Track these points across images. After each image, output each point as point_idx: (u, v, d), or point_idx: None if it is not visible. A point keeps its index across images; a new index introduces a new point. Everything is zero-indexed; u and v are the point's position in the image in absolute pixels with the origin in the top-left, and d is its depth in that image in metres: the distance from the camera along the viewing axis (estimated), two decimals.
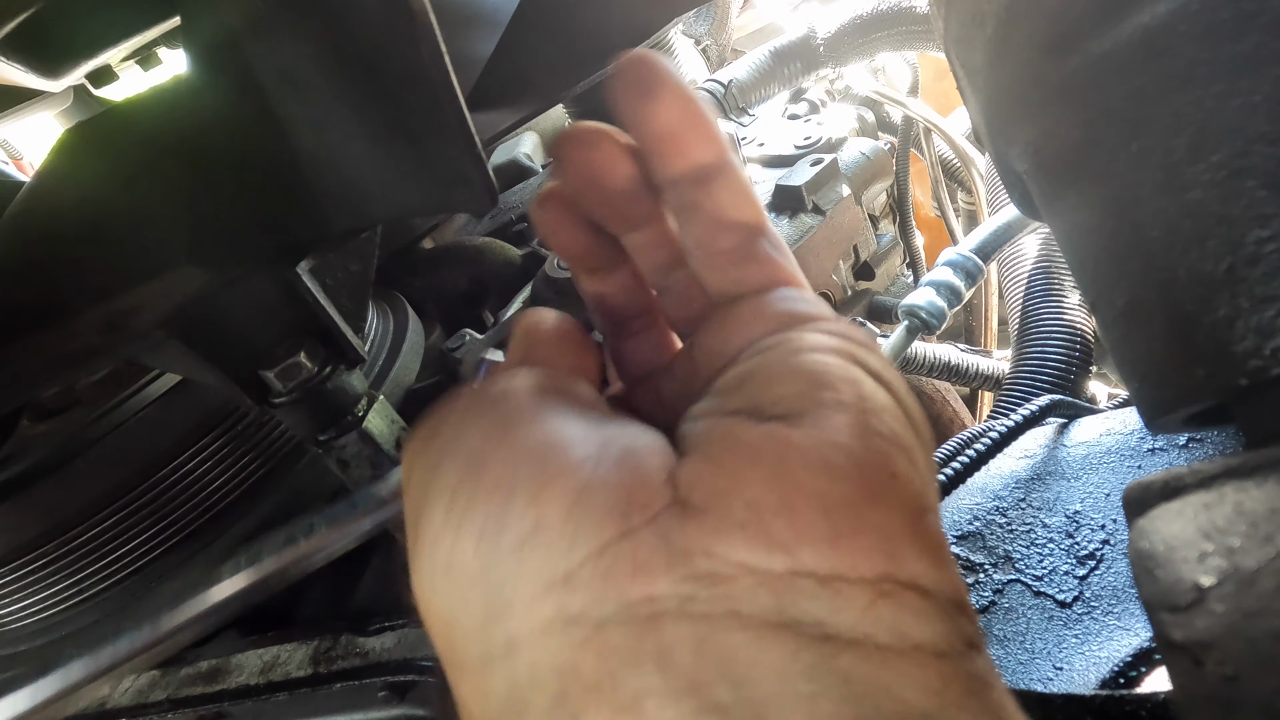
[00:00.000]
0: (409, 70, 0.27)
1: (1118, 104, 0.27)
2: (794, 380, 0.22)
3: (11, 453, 0.57)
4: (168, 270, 0.39)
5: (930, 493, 0.21)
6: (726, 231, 0.27)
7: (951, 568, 0.20)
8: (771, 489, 0.20)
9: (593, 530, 0.20)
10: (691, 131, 0.26)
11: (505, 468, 0.21)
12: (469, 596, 0.21)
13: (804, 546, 0.19)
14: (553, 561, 0.20)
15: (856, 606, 0.18)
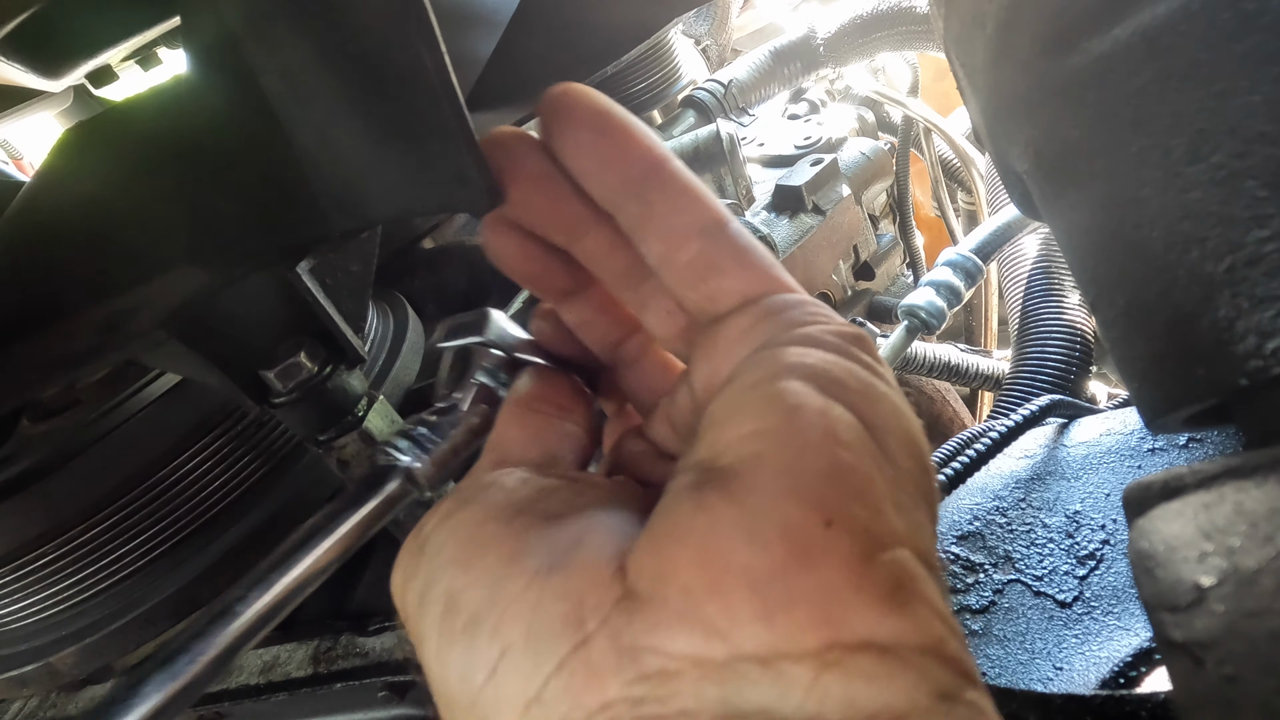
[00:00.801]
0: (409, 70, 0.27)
1: (1118, 104, 0.27)
2: (746, 419, 0.21)
3: (11, 453, 0.57)
4: (168, 270, 0.39)
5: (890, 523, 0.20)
6: (681, 240, 0.25)
7: (918, 606, 0.19)
8: (702, 571, 0.19)
9: (550, 647, 0.20)
10: (614, 148, 0.25)
11: (471, 604, 0.22)
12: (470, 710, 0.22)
13: (738, 630, 0.18)
14: (521, 686, 0.20)
15: (801, 686, 0.18)
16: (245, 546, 0.57)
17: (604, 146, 0.25)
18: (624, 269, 0.28)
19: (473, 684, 0.21)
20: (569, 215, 0.27)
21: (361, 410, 0.46)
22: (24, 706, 0.64)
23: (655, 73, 0.99)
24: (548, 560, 0.22)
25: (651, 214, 0.25)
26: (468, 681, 0.21)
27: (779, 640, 0.18)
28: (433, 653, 0.23)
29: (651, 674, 0.19)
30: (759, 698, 0.18)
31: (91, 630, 0.55)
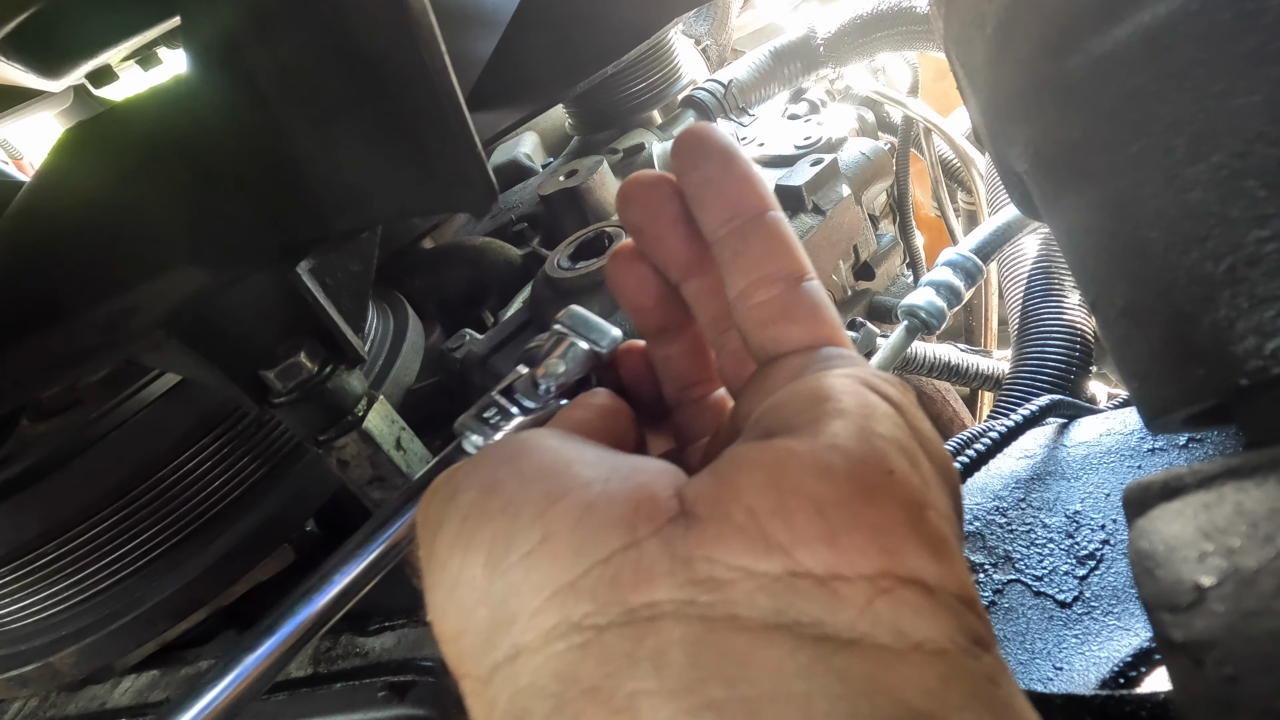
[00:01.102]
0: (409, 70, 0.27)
1: (1118, 104, 0.27)
2: (801, 399, 0.23)
3: (11, 453, 0.57)
4: (168, 270, 0.39)
5: (934, 494, 0.21)
6: (765, 284, 0.28)
7: (958, 564, 0.20)
8: (768, 494, 0.20)
9: (599, 541, 0.20)
10: (734, 186, 0.28)
11: (514, 490, 0.22)
12: (477, 611, 0.22)
13: (800, 547, 0.19)
14: (558, 571, 0.20)
15: (854, 605, 0.19)
16: (245, 546, 0.57)
17: (726, 184, 0.28)
18: (718, 313, 0.31)
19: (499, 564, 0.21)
20: (691, 254, 0.30)
21: (361, 410, 0.46)
22: (24, 706, 0.64)
23: (655, 73, 0.98)
24: (605, 474, 0.22)
25: (746, 253, 0.28)
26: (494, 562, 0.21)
27: (839, 561, 0.19)
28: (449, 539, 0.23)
29: (703, 580, 0.19)
30: (813, 611, 0.19)
31: (91, 630, 0.55)
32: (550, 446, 0.24)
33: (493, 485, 0.23)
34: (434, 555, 0.24)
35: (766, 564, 0.19)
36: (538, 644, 0.20)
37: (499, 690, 0.21)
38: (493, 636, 0.21)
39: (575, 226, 0.76)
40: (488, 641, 0.21)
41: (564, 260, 0.67)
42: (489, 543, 0.22)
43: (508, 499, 0.22)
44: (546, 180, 0.86)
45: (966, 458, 0.52)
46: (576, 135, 1.07)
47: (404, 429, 0.49)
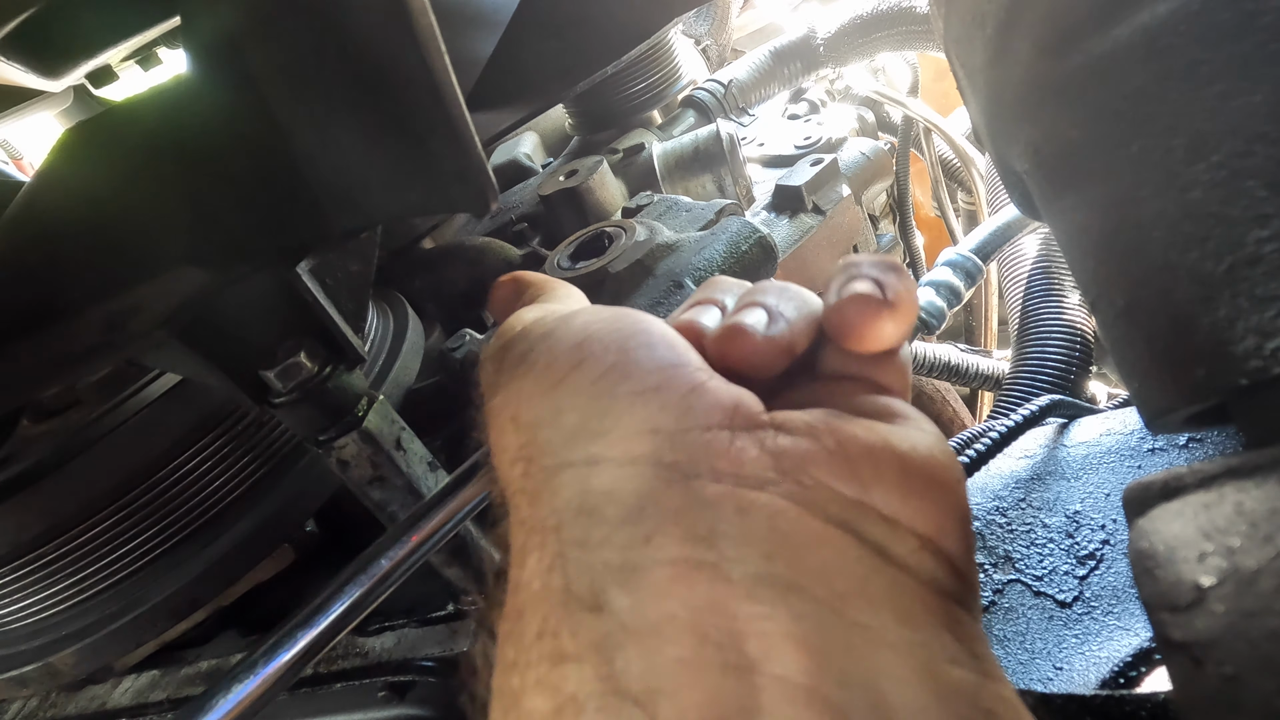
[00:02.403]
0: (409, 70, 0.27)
1: (1118, 104, 0.27)
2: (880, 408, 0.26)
3: (11, 453, 0.57)
4: (168, 270, 0.39)
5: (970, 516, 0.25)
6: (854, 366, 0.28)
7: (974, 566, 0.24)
8: (862, 439, 0.23)
9: (705, 412, 0.23)
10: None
11: (640, 336, 0.24)
12: (568, 414, 0.23)
13: (878, 487, 0.22)
14: (662, 418, 0.22)
15: (908, 546, 0.22)
16: (245, 546, 0.57)
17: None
18: None
19: (610, 388, 0.23)
20: None
21: (361, 410, 0.46)
22: (24, 706, 0.64)
23: (655, 73, 0.98)
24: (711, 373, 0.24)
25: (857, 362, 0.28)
26: (604, 384, 0.23)
27: (905, 512, 0.22)
28: (570, 346, 0.25)
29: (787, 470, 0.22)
30: (876, 534, 0.22)
31: (91, 630, 0.55)
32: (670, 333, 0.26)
33: (618, 320, 0.25)
34: (543, 353, 0.25)
35: (845, 487, 0.22)
36: (622, 462, 0.22)
37: (566, 483, 0.22)
38: (576, 439, 0.23)
39: (575, 226, 0.76)
40: (569, 441, 0.23)
41: (564, 260, 0.67)
42: (606, 366, 0.24)
43: (630, 339, 0.24)
44: (546, 180, 0.86)
45: (966, 458, 0.52)
46: (576, 135, 1.07)
47: (404, 429, 0.49)
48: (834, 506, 0.22)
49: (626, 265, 0.63)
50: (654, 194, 0.78)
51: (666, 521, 0.20)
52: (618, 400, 0.23)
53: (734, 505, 0.21)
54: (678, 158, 0.86)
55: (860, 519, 0.22)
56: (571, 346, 0.25)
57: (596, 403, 0.23)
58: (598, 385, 0.23)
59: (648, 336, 0.25)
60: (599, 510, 0.21)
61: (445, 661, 0.50)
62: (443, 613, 0.53)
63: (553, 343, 0.25)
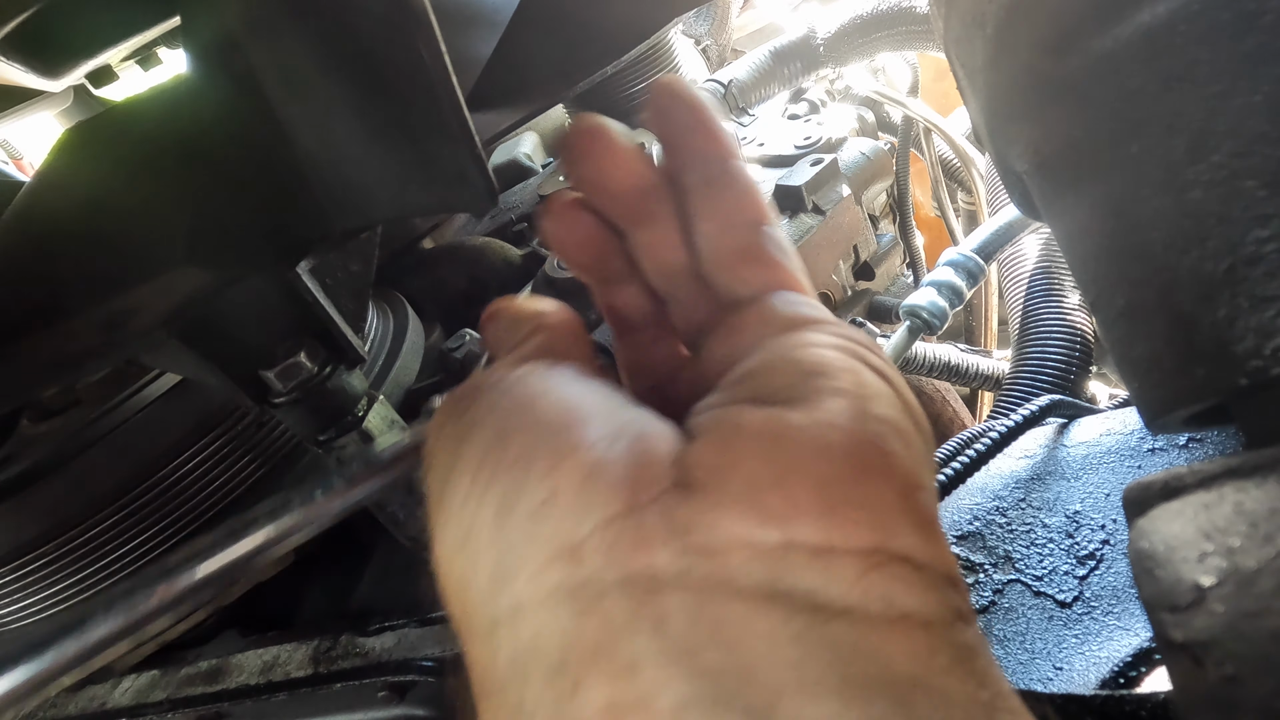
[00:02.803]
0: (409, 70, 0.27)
1: (1118, 104, 0.27)
2: (795, 371, 0.23)
3: (11, 453, 0.57)
4: (168, 270, 0.39)
5: (924, 475, 0.22)
6: (732, 228, 0.29)
7: (942, 544, 0.21)
8: (768, 465, 0.21)
9: (602, 504, 0.21)
10: (701, 134, 0.29)
11: (527, 441, 0.22)
12: (482, 562, 0.22)
13: (798, 520, 0.20)
14: (563, 531, 0.21)
15: (847, 577, 0.19)
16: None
17: (698, 130, 0.29)
18: (669, 263, 0.30)
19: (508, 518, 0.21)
20: (643, 207, 0.30)
21: (361, 410, 0.46)
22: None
23: (655, 73, 0.98)
24: (612, 432, 0.23)
25: (715, 196, 0.29)
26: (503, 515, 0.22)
27: (834, 535, 0.20)
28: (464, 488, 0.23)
29: (701, 547, 0.20)
30: (806, 582, 0.19)
31: None
32: (560, 396, 0.24)
33: (505, 434, 0.23)
34: (445, 502, 0.24)
35: (763, 534, 0.20)
36: (539, 602, 0.20)
37: (500, 646, 0.21)
38: (495, 590, 0.21)
39: None
40: (490, 595, 0.21)
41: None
42: (501, 495, 0.22)
43: (519, 451, 0.22)
44: (546, 180, 0.86)
45: (966, 458, 0.52)
46: None
47: (404, 429, 0.49)
48: (756, 568, 0.19)
49: None
50: None
51: (588, 664, 0.19)
52: (519, 530, 0.21)
53: (650, 620, 0.19)
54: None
55: (786, 571, 0.19)
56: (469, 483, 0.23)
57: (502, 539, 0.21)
58: (499, 519, 0.22)
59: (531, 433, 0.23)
60: (528, 668, 0.20)
61: (445, 661, 0.50)
62: (443, 613, 0.53)
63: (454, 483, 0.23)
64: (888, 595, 0.19)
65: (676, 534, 0.20)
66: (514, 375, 0.25)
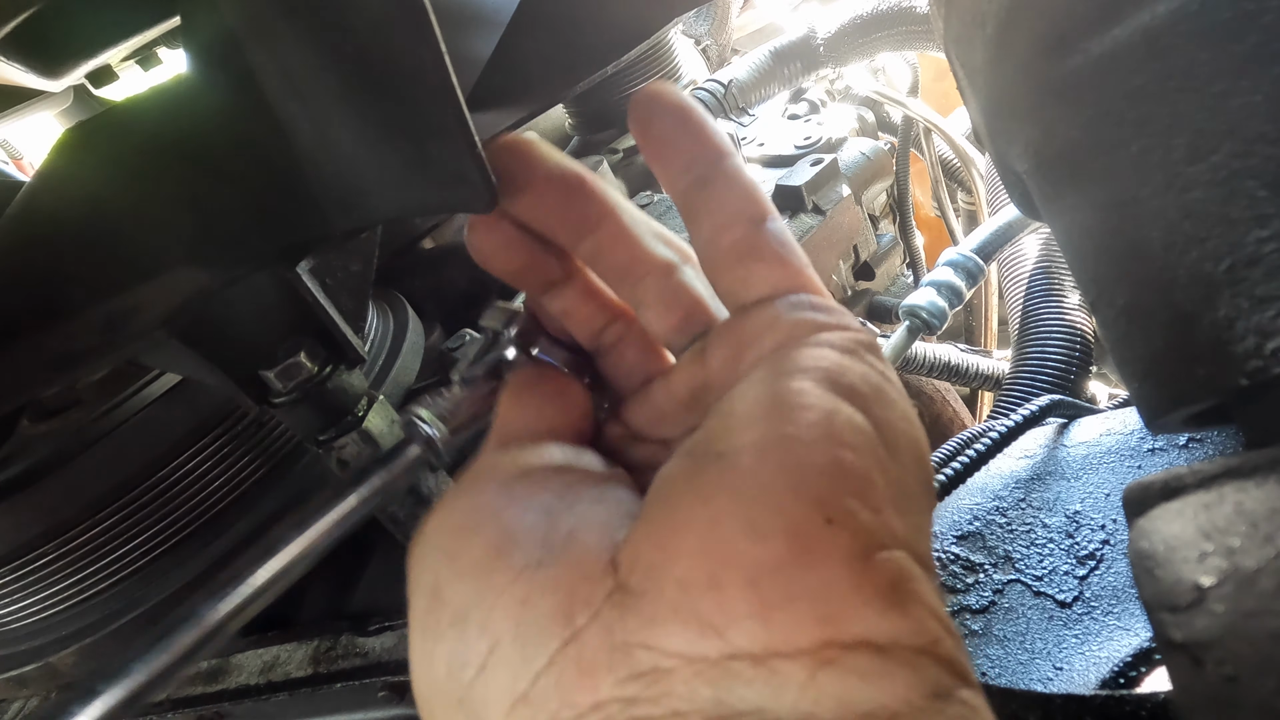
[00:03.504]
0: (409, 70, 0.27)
1: (1118, 104, 0.27)
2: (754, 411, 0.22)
3: (11, 453, 0.57)
4: (168, 270, 0.39)
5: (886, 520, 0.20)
6: (730, 226, 0.27)
7: (915, 605, 0.19)
8: (699, 563, 0.19)
9: (539, 643, 0.20)
10: (688, 138, 0.28)
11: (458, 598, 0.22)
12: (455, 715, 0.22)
13: (734, 626, 0.18)
14: (511, 682, 0.20)
15: (795, 684, 0.18)
16: (245, 546, 0.57)
17: (682, 137, 0.28)
18: (624, 264, 0.29)
19: (461, 680, 0.21)
20: (579, 213, 0.29)
21: (361, 410, 0.46)
22: (24, 706, 0.64)
23: (655, 73, 0.99)
24: (537, 554, 0.22)
25: (710, 197, 0.27)
26: (456, 678, 0.21)
27: (774, 638, 0.18)
28: (418, 646, 0.23)
29: (644, 672, 0.19)
30: (753, 697, 0.18)
31: (91, 630, 0.55)
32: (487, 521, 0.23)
33: (437, 591, 0.23)
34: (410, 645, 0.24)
35: (702, 647, 0.18)
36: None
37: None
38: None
39: None
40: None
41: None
42: (447, 659, 0.22)
43: (455, 609, 0.22)
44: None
45: (966, 458, 0.52)
46: (576, 135, 1.07)
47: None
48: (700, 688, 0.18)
49: None
50: (654, 194, 0.78)
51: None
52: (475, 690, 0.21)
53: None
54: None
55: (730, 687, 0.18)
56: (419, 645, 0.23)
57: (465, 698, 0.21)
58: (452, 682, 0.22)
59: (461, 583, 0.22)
60: None
61: None
62: None
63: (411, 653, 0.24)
64: (843, 695, 0.17)
65: (618, 659, 0.19)
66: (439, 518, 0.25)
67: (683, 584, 0.19)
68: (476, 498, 0.25)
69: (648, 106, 0.28)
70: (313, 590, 0.64)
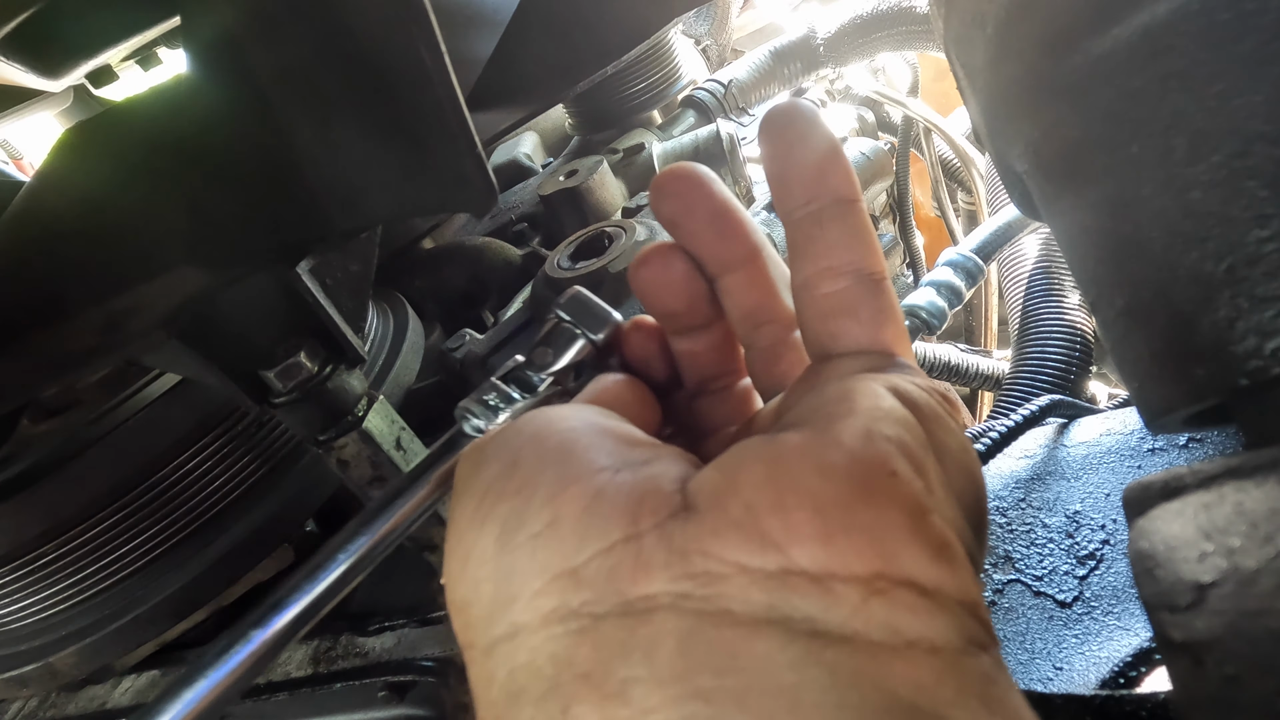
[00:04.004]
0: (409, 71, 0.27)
1: (1118, 104, 0.27)
2: (817, 396, 0.24)
3: (11, 453, 0.57)
4: (168, 270, 0.39)
5: (939, 501, 0.21)
6: (834, 275, 0.27)
7: (961, 569, 0.20)
8: (767, 489, 0.20)
9: (602, 530, 0.21)
10: (815, 164, 0.27)
11: (532, 469, 0.23)
12: (484, 586, 0.22)
13: (796, 545, 0.19)
14: (562, 556, 0.21)
15: (848, 604, 0.19)
16: (245, 546, 0.57)
17: (811, 162, 0.27)
18: (753, 308, 0.30)
19: (509, 542, 0.22)
20: (729, 248, 0.29)
21: (361, 410, 0.46)
22: (24, 706, 0.64)
23: (655, 73, 0.98)
24: (618, 462, 0.23)
25: (821, 239, 0.27)
26: (504, 539, 0.22)
27: (833, 561, 0.19)
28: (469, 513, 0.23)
29: (698, 574, 0.20)
30: (806, 609, 0.19)
31: (91, 630, 0.55)
32: (571, 427, 0.24)
33: (514, 462, 0.23)
34: (454, 525, 0.24)
35: (761, 560, 0.19)
36: (536, 625, 0.21)
37: (498, 665, 0.21)
38: (495, 612, 0.22)
39: (575, 226, 0.76)
40: (490, 616, 0.22)
41: (564, 260, 0.67)
42: (503, 520, 0.22)
43: (525, 478, 0.23)
44: (546, 180, 0.86)
45: None
46: (576, 135, 1.07)
47: (404, 429, 0.49)
48: (755, 593, 0.19)
49: (627, 265, 0.63)
50: None
51: (580, 686, 0.19)
52: (520, 553, 0.22)
53: (644, 643, 0.19)
54: (678, 158, 0.86)
55: (785, 597, 0.19)
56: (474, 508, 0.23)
57: (503, 563, 0.22)
58: (500, 543, 0.22)
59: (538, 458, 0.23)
60: (525, 690, 0.20)
61: (445, 661, 0.50)
62: (443, 613, 0.53)
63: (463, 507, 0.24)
64: (891, 622, 0.19)
65: (675, 560, 0.20)
66: (529, 416, 0.26)
67: (749, 505, 0.20)
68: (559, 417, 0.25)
69: (787, 117, 0.28)
70: None
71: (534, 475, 0.23)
